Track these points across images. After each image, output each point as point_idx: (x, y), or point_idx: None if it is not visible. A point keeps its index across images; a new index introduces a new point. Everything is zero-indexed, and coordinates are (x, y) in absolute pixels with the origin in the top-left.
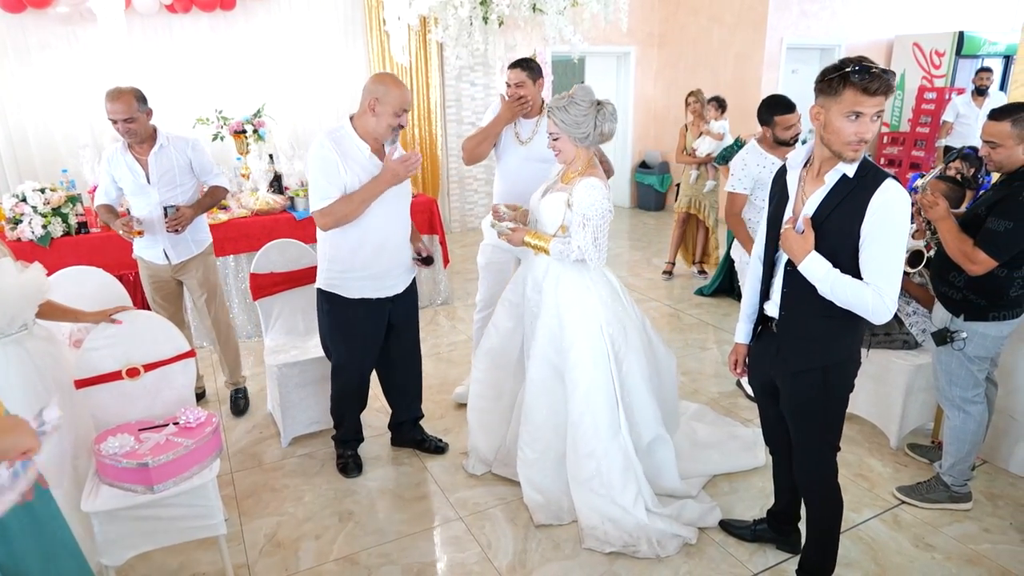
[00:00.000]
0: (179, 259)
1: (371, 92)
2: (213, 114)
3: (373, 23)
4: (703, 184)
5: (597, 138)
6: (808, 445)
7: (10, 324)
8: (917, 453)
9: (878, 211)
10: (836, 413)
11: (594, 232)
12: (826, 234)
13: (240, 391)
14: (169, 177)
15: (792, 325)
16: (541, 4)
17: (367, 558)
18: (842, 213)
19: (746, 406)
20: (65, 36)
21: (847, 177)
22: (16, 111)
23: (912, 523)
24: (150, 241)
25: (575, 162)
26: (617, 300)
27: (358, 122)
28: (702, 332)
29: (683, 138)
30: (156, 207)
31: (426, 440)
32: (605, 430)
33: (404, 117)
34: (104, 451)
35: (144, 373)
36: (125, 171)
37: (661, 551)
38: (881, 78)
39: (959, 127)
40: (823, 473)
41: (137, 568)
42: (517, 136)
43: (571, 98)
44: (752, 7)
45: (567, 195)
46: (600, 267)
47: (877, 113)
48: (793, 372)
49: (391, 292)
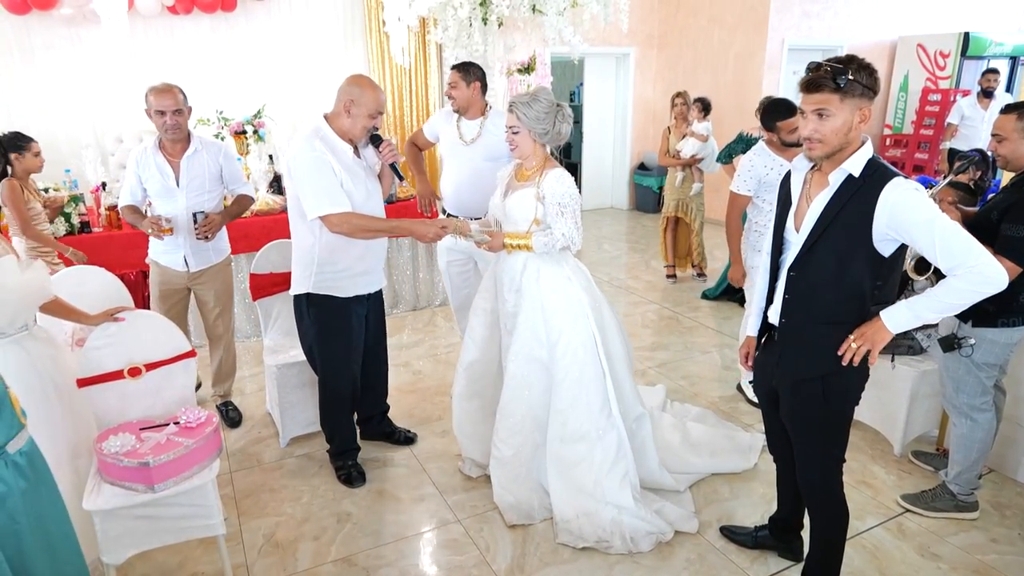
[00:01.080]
0: (198, 267)
1: (347, 93)
2: (214, 114)
3: (372, 25)
4: (689, 187)
5: (555, 136)
6: (810, 456)
7: (10, 324)
8: (921, 460)
9: (895, 207)
10: (838, 424)
11: (572, 216)
12: (833, 235)
13: (230, 404)
14: (199, 182)
15: (793, 332)
16: (541, 5)
17: (365, 559)
18: (849, 213)
19: (747, 411)
20: (68, 37)
21: (853, 177)
22: (20, 111)
23: (917, 532)
24: (171, 245)
25: (530, 158)
26: (591, 285)
27: (334, 122)
28: (702, 335)
29: (666, 140)
30: (182, 212)
31: (395, 432)
32: (598, 411)
33: (379, 119)
34: (106, 450)
35: (145, 372)
36: (154, 172)
37: (634, 547)
38: (813, 74)
39: (964, 130)
40: (827, 485)
41: (137, 567)
42: (461, 137)
43: (534, 96)
44: (753, 8)
45: (535, 189)
46: (579, 249)
47: (817, 110)
48: (793, 381)
49: (378, 286)
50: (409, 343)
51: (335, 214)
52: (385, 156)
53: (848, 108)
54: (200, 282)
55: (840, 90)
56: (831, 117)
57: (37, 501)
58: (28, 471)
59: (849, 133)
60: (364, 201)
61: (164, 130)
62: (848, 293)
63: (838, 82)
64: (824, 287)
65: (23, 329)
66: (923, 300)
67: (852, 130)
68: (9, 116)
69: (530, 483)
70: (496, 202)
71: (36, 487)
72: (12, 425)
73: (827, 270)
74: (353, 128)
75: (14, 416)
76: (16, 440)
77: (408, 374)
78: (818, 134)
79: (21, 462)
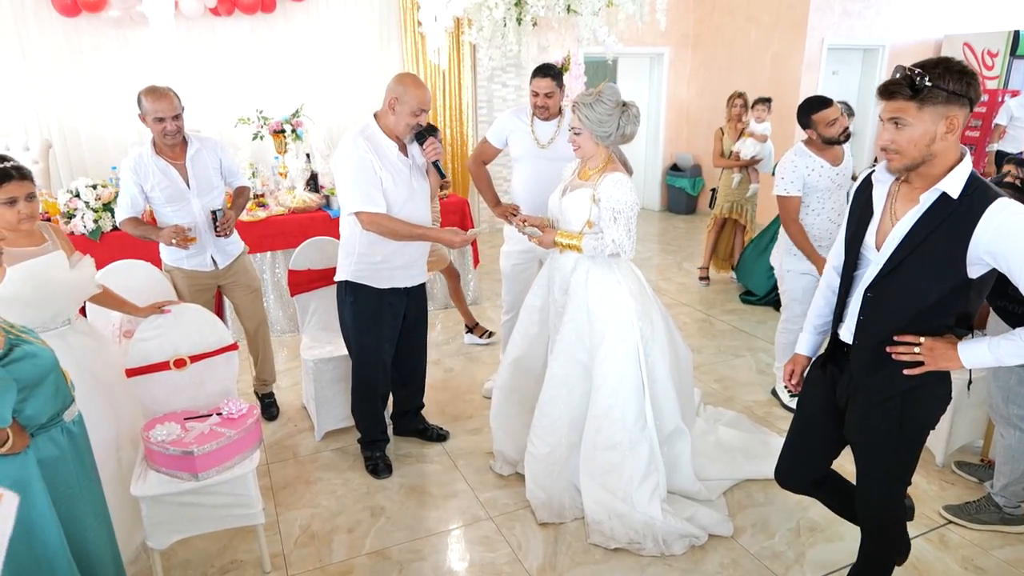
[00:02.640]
0: (225, 263)
1: (392, 91)
2: (254, 114)
3: (408, 25)
4: (746, 188)
5: (619, 138)
6: (876, 478)
7: (54, 319)
8: (965, 471)
9: (1000, 231)
10: (911, 447)
11: (626, 224)
12: (920, 258)
13: (270, 396)
14: (206, 181)
15: (868, 354)
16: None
17: (398, 553)
18: (940, 236)
19: (782, 416)
20: (116, 38)
21: (949, 197)
22: (69, 111)
23: (960, 544)
24: (195, 248)
25: (593, 159)
26: (643, 292)
27: (381, 120)
28: (735, 339)
29: (719, 141)
30: (199, 213)
31: (428, 429)
32: (632, 422)
33: (423, 117)
34: (152, 438)
35: (190, 364)
36: (160, 178)
37: (667, 549)
38: (889, 81)
39: (1012, 131)
40: (891, 509)
41: (179, 553)
42: (536, 140)
43: (598, 96)
44: (792, 6)
45: (591, 191)
46: (631, 258)
47: (893, 119)
48: (869, 401)
49: (414, 282)
50: (442, 341)
51: (367, 213)
52: (428, 154)
53: (929, 117)
54: (229, 276)
55: (917, 97)
56: (908, 127)
57: (83, 473)
58: (80, 440)
59: (932, 145)
60: (404, 202)
61: (164, 136)
62: (929, 316)
63: (915, 88)
64: (904, 311)
65: (65, 323)
66: (1008, 344)
67: (936, 141)
68: (59, 115)
69: (563, 482)
70: (555, 199)
71: (82, 459)
72: (67, 396)
73: (909, 294)
74: (397, 125)
75: (67, 387)
76: (71, 410)
77: (440, 371)
78: (894, 145)
79: (75, 431)
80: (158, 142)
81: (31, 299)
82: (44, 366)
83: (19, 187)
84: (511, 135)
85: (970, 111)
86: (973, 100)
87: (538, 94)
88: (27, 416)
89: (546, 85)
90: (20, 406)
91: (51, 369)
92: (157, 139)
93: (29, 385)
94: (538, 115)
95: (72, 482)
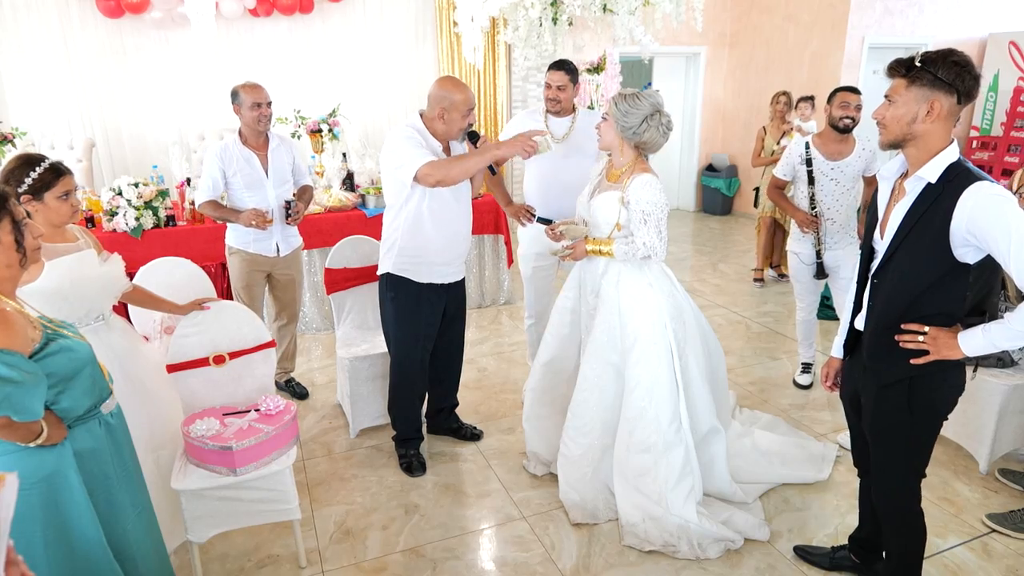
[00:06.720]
0: (287, 251)
1: (439, 101)
2: (291, 113)
3: (443, 25)
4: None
5: (636, 140)
6: (889, 468)
7: (87, 315)
8: (1009, 479)
9: (973, 212)
10: (922, 436)
11: (656, 226)
12: (913, 242)
13: (293, 380)
14: (282, 173)
15: (878, 338)
16: (612, 4)
17: (432, 551)
18: (927, 220)
19: (819, 419)
20: (158, 39)
21: (930, 184)
22: (112, 110)
23: (1004, 553)
24: (264, 233)
25: (619, 157)
26: (676, 292)
27: (429, 124)
28: (771, 341)
29: (761, 141)
30: (273, 201)
31: (462, 428)
32: (667, 424)
33: (471, 115)
34: (192, 433)
35: (229, 360)
36: (243, 164)
37: (702, 553)
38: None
39: None
40: (903, 501)
41: (217, 546)
42: (552, 135)
43: (637, 95)
44: (832, 5)
45: (620, 193)
46: (662, 259)
47: (887, 95)
48: (878, 387)
49: (453, 279)
50: (475, 340)
51: (423, 166)
52: None
53: (913, 97)
54: (284, 265)
55: (906, 76)
56: (894, 104)
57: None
58: (119, 432)
59: (913, 124)
60: (449, 199)
61: (258, 122)
62: (932, 300)
63: (906, 68)
64: (905, 294)
65: (99, 320)
66: (998, 327)
67: (916, 122)
68: (103, 115)
69: (596, 483)
70: (583, 200)
71: (120, 451)
72: (104, 389)
73: (908, 277)
74: (450, 131)
75: (104, 380)
76: (108, 402)
77: (473, 371)
78: (881, 118)
79: (113, 423)
80: (250, 129)
81: (68, 294)
82: (80, 360)
83: (72, 181)
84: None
85: (958, 103)
86: (961, 92)
87: (551, 86)
88: (63, 408)
89: (559, 78)
90: (56, 398)
91: (87, 363)
92: (251, 125)
93: (65, 378)
94: (550, 108)
95: (110, 472)
